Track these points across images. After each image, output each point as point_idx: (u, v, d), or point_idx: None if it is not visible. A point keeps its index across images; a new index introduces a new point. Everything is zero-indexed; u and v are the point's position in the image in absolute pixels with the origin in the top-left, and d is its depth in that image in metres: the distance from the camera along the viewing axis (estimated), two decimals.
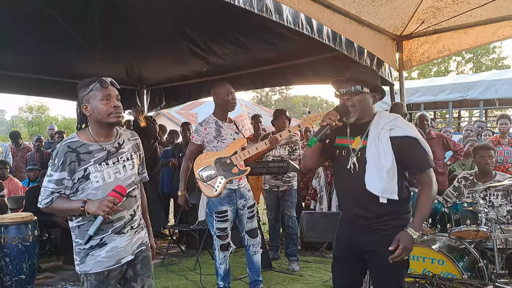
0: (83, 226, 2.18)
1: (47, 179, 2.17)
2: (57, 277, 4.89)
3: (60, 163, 2.12)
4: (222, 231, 3.86)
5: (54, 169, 2.14)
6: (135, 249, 2.32)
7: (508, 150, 5.67)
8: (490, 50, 27.73)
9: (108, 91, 2.17)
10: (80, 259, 2.21)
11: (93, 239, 2.16)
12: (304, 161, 2.60)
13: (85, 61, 5.55)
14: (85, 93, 2.18)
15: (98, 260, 2.19)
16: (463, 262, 3.23)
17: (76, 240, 2.21)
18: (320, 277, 4.67)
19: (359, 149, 2.29)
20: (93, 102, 2.16)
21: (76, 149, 2.15)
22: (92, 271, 2.20)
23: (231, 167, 3.82)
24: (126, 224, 2.26)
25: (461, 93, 11.85)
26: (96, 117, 2.18)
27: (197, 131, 3.93)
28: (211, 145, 3.87)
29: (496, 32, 4.92)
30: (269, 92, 40.53)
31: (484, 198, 3.93)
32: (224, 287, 3.98)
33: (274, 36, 4.87)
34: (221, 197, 3.81)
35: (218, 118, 3.96)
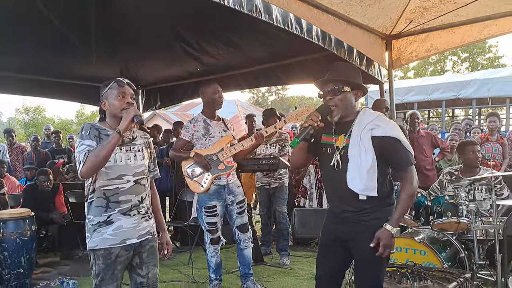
0: (94, 202, 2.39)
1: (79, 148, 2.33)
2: (54, 272, 4.99)
3: (87, 134, 2.36)
4: (212, 225, 3.97)
5: (84, 138, 2.35)
6: (142, 234, 2.47)
7: (496, 147, 5.80)
8: (486, 49, 27.89)
9: (123, 89, 2.45)
10: (90, 235, 2.39)
11: (101, 216, 2.36)
12: (292, 160, 2.74)
13: (80, 62, 5.62)
14: (104, 91, 2.47)
15: (104, 237, 2.36)
16: (445, 253, 3.34)
17: (88, 216, 2.41)
18: (310, 270, 4.77)
19: (342, 147, 2.37)
20: (110, 99, 2.44)
21: (98, 129, 2.42)
22: (98, 247, 2.35)
23: (217, 164, 3.94)
24: (133, 208, 2.44)
25: (454, 92, 11.96)
26: (111, 112, 2.45)
27: (186, 127, 4.06)
28: (199, 143, 3.99)
29: (482, 31, 5.03)
30: (265, 93, 40.66)
31: (468, 192, 4.05)
32: (215, 279, 4.10)
33: (265, 36, 4.96)
34: (210, 192, 3.93)
35: (206, 116, 4.08)
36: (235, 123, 5.92)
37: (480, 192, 4.05)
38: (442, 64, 29.57)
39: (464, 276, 2.80)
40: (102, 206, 2.38)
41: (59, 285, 4.49)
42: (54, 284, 4.52)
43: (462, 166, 4.30)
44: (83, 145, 2.33)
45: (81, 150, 2.32)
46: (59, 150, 7.91)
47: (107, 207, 2.38)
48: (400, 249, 3.38)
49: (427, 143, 5.67)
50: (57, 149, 7.92)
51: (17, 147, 7.90)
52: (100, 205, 2.38)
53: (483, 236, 3.50)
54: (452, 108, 13.69)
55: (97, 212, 2.38)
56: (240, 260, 4.18)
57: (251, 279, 4.18)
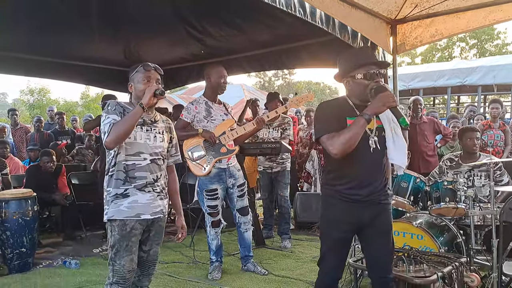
0: (114, 175, 2.49)
1: (104, 121, 2.44)
2: (57, 252, 5.08)
3: (113, 109, 2.47)
4: (213, 208, 4.00)
5: (110, 112, 2.46)
6: (155, 212, 2.57)
7: (498, 134, 5.78)
8: (495, 36, 27.56)
9: (149, 74, 2.53)
10: (107, 207, 2.50)
11: (118, 188, 2.47)
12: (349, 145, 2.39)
13: (83, 43, 5.62)
14: (131, 74, 2.58)
15: (120, 208, 2.47)
16: (442, 237, 3.37)
17: (108, 188, 2.53)
18: (310, 253, 4.84)
19: (376, 129, 2.40)
20: (135, 82, 2.55)
21: (123, 106, 2.53)
22: (114, 217, 2.46)
23: (219, 147, 3.95)
24: (148, 185, 2.53)
25: (460, 78, 11.86)
26: (136, 94, 2.55)
27: (188, 108, 4.05)
28: (200, 125, 3.98)
29: (487, 16, 4.96)
30: (272, 77, 40.43)
31: (468, 178, 4.06)
32: (216, 261, 4.15)
33: (269, 18, 4.93)
34: (211, 175, 3.95)
35: (208, 99, 4.07)
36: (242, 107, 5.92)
37: (479, 178, 4.06)
38: (450, 50, 29.27)
39: (460, 260, 2.82)
40: (120, 179, 2.48)
41: (62, 265, 4.56)
42: (57, 264, 4.60)
43: (462, 152, 4.30)
44: (108, 118, 2.44)
45: (106, 122, 2.43)
46: (62, 131, 7.96)
47: (125, 180, 2.48)
48: (397, 233, 3.40)
49: (429, 129, 5.66)
50: (60, 130, 7.96)
51: (21, 128, 7.96)
52: (119, 178, 2.48)
53: (481, 222, 3.51)
54: (458, 94, 13.60)
55: (116, 185, 2.49)
56: (241, 243, 4.23)
57: (251, 261, 4.24)
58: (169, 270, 4.32)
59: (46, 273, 4.34)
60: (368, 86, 2.33)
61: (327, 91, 40.33)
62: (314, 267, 4.30)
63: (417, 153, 5.47)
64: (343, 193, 2.38)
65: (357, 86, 2.39)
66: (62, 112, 8.50)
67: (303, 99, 4.10)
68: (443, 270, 2.63)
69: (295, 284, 3.92)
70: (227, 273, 4.22)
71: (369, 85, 2.33)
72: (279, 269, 4.32)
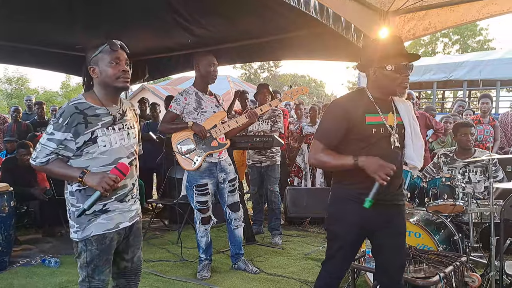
0: (86, 190, 2.12)
1: (46, 137, 2.09)
2: (35, 249, 4.87)
3: (65, 123, 2.05)
4: (203, 204, 3.86)
5: (58, 128, 2.06)
6: (132, 217, 2.30)
7: (488, 129, 5.75)
8: (477, 32, 27.89)
9: (118, 54, 2.15)
10: (80, 226, 2.15)
11: (96, 205, 2.10)
12: None
13: (63, 30, 5.39)
14: (93, 55, 2.14)
15: (98, 222, 2.16)
16: (439, 235, 3.29)
17: (77, 204, 2.14)
18: (302, 250, 4.74)
19: (396, 125, 2.29)
20: (101, 65, 2.13)
21: (84, 111, 2.10)
22: (93, 233, 2.15)
23: (210, 140, 3.81)
24: (128, 193, 2.26)
25: (446, 73, 11.88)
26: (103, 80, 2.15)
27: (177, 100, 3.85)
28: (190, 117, 3.81)
29: (481, 10, 4.91)
30: (257, 69, 40.26)
31: (463, 174, 3.99)
32: (205, 259, 4.01)
33: (259, 8, 4.79)
34: (201, 170, 3.80)
35: (198, 89, 3.90)
36: (227, 100, 5.78)
37: (475, 174, 4.00)
38: (434, 45, 29.49)
39: (460, 260, 2.74)
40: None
41: (40, 263, 4.35)
42: (35, 262, 4.39)
43: (457, 147, 4.23)
44: (53, 138, 2.06)
45: (47, 144, 2.07)
46: (41, 122, 7.65)
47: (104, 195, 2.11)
48: None
49: (421, 124, 5.56)
50: (39, 121, 7.67)
51: None
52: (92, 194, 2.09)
53: (478, 219, 3.46)
54: (443, 89, 13.66)
55: None
56: (231, 240, 4.10)
57: (242, 259, 4.12)
58: (156, 269, 4.15)
59: (24, 272, 4.13)
60: (397, 79, 2.22)
61: (312, 85, 40.37)
62: (306, 265, 4.26)
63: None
64: (363, 194, 2.15)
65: (384, 78, 2.24)
66: (41, 102, 8.17)
67: (297, 91, 3.98)
68: (445, 271, 2.54)
69: (288, 282, 3.80)
70: (216, 271, 4.08)
71: (398, 78, 2.22)
72: (271, 267, 4.20)
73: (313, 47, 5.57)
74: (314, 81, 41.34)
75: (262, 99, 5.12)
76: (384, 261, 2.37)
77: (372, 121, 2.25)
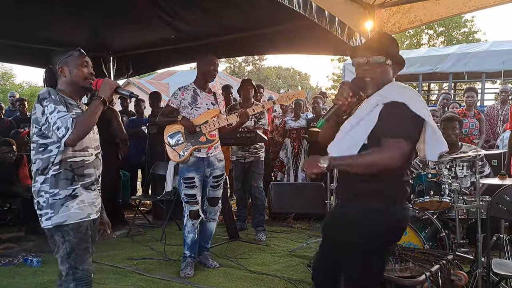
0: (60, 174, 2.21)
1: (55, 113, 2.15)
2: (18, 248, 4.77)
3: (58, 99, 2.19)
4: (190, 197, 3.90)
5: (58, 104, 2.17)
6: (97, 210, 2.40)
7: (473, 123, 5.76)
8: (462, 24, 28.04)
9: (86, 59, 2.35)
10: (54, 210, 2.20)
11: (67, 189, 2.21)
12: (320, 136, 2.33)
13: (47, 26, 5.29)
14: (64, 56, 2.32)
15: (72, 211, 2.22)
16: (425, 232, 3.27)
17: (51, 190, 2.21)
18: (286, 246, 4.70)
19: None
20: (71, 66, 2.31)
21: (63, 97, 2.24)
22: (67, 222, 2.20)
23: (199, 136, 3.89)
24: (94, 182, 2.35)
25: (431, 66, 11.90)
26: (72, 80, 2.31)
27: (175, 94, 4.00)
28: (185, 111, 3.93)
29: (467, 3, 4.88)
30: (242, 63, 40.07)
31: (450, 169, 3.98)
32: (189, 257, 3.97)
33: (244, 2, 4.72)
34: (189, 164, 3.90)
35: (197, 86, 4.02)
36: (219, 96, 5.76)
37: (461, 169, 3.98)
38: (418, 37, 29.60)
39: (447, 258, 2.72)
40: (67, 179, 2.23)
41: (23, 263, 4.23)
42: (17, 262, 4.27)
43: None
44: (60, 112, 2.15)
45: (61, 116, 2.14)
46: (24, 118, 7.48)
47: (72, 180, 2.24)
48: None
49: None
50: (22, 117, 7.50)
51: None
52: (65, 177, 2.22)
53: (464, 215, 3.45)
54: (429, 82, 13.71)
55: (64, 185, 2.22)
56: (201, 231, 4.09)
57: (205, 253, 4.15)
58: (139, 268, 4.08)
59: (5, 272, 4.01)
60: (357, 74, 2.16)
61: (297, 77, 40.35)
62: (291, 262, 4.22)
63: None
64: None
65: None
66: (23, 98, 8.01)
67: (294, 95, 4.04)
68: (431, 270, 2.51)
69: (272, 281, 3.75)
70: (200, 269, 4.02)
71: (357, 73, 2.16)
72: (255, 265, 4.14)
73: (297, 41, 5.54)
74: (299, 73, 41.30)
75: (245, 94, 5.14)
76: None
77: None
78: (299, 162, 6.25)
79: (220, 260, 4.23)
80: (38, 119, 2.18)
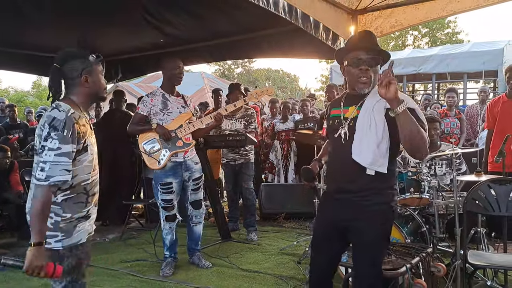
0: (72, 198, 2.09)
1: (54, 153, 1.95)
2: (10, 254, 4.79)
3: (70, 135, 1.99)
4: (167, 202, 3.97)
5: (65, 141, 1.98)
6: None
7: (454, 122, 5.95)
8: (445, 25, 28.47)
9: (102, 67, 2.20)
10: (65, 234, 2.09)
11: (81, 212, 2.12)
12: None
13: (33, 30, 5.33)
14: (85, 64, 2.12)
15: (85, 229, 2.18)
16: (407, 227, 3.43)
17: (64, 214, 2.07)
18: (277, 245, 4.83)
19: (351, 118, 2.24)
20: (95, 75, 2.15)
21: (78, 120, 2.06)
22: (82, 241, 2.15)
23: (175, 140, 3.91)
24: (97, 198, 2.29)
25: (415, 67, 12.15)
26: (94, 90, 2.16)
27: (144, 101, 3.99)
28: (157, 118, 3.93)
29: (445, 7, 5.08)
30: (231, 65, 40.11)
31: (430, 167, 4.15)
32: (169, 257, 4.10)
33: (230, 7, 4.83)
34: (166, 169, 3.91)
35: (165, 91, 4.01)
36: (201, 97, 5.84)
37: (440, 167, 4.15)
38: (403, 39, 29.99)
39: (426, 251, 2.87)
40: (82, 202, 2.13)
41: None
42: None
43: None
44: (58, 156, 1.95)
45: (55, 162, 1.94)
46: (14, 125, 7.54)
47: (86, 202, 2.15)
48: None
49: None
50: (12, 124, 7.55)
51: None
52: (80, 201, 2.12)
53: (443, 211, 3.61)
54: (413, 82, 13.96)
55: (77, 209, 2.12)
56: (189, 236, 4.22)
57: (197, 254, 4.24)
58: (133, 269, 4.18)
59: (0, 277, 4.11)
60: (354, 74, 2.21)
61: (286, 79, 40.51)
62: (282, 260, 4.35)
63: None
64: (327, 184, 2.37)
65: (347, 73, 2.29)
66: (13, 105, 8.04)
67: (262, 92, 4.12)
68: (411, 262, 2.66)
69: (264, 278, 3.89)
70: (193, 270, 4.14)
71: (354, 73, 2.21)
72: (247, 263, 4.28)
73: (283, 45, 5.66)
74: (288, 75, 41.47)
75: (234, 99, 5.18)
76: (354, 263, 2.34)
77: (334, 114, 2.36)
78: (288, 163, 6.39)
79: (213, 260, 4.35)
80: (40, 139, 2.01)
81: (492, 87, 11.96)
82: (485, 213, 3.03)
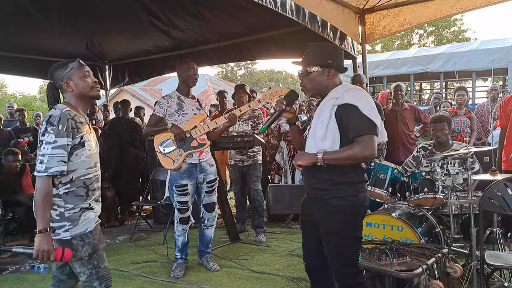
0: (72, 192, 2.24)
1: (50, 146, 2.15)
2: (23, 256, 4.80)
3: (64, 129, 2.17)
4: (183, 204, 3.97)
5: (60, 135, 2.16)
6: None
7: (465, 121, 5.87)
8: (452, 23, 28.31)
9: (86, 68, 2.37)
10: (72, 223, 2.23)
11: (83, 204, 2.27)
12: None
13: (42, 36, 5.36)
14: (65, 71, 2.32)
15: (91, 218, 2.30)
16: (421, 228, 3.38)
17: (66, 205, 2.22)
18: (286, 247, 4.80)
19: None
20: (75, 79, 2.32)
21: (73, 117, 2.25)
22: (89, 229, 2.27)
23: (190, 141, 3.93)
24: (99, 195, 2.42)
25: (422, 66, 12.10)
26: (79, 92, 2.33)
27: (159, 103, 4.02)
28: (172, 119, 3.96)
29: (455, 5, 5.05)
30: (234, 67, 40.15)
31: (442, 166, 4.10)
32: (180, 258, 4.10)
33: (237, 9, 4.83)
34: (181, 171, 3.93)
35: (181, 93, 4.06)
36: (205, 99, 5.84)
37: (453, 166, 4.10)
38: (409, 37, 29.88)
39: (442, 251, 2.83)
40: (82, 195, 2.28)
41: (30, 270, 4.32)
42: (24, 269, 4.36)
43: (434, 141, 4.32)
44: (55, 149, 2.14)
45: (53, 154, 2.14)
46: (23, 128, 7.57)
47: (87, 195, 2.29)
48: (377, 226, 3.40)
49: (410, 117, 5.51)
50: (21, 127, 7.57)
51: None
52: (80, 194, 2.27)
53: (458, 211, 3.56)
54: (420, 81, 13.90)
55: (78, 201, 2.26)
56: (200, 238, 4.22)
57: (206, 256, 4.24)
58: (144, 271, 4.17)
59: (13, 279, 4.10)
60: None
61: (289, 80, 40.49)
62: (292, 261, 4.32)
63: (398, 140, 5.39)
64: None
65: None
66: (22, 109, 8.06)
67: (276, 93, 4.07)
68: (427, 263, 2.63)
69: (274, 279, 3.86)
70: (203, 271, 4.12)
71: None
72: (256, 265, 4.25)
73: (290, 46, 5.65)
74: (291, 76, 41.44)
75: (238, 100, 5.18)
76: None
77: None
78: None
79: (223, 262, 4.33)
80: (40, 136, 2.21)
81: (502, 85, 11.86)
82: (502, 212, 2.97)
